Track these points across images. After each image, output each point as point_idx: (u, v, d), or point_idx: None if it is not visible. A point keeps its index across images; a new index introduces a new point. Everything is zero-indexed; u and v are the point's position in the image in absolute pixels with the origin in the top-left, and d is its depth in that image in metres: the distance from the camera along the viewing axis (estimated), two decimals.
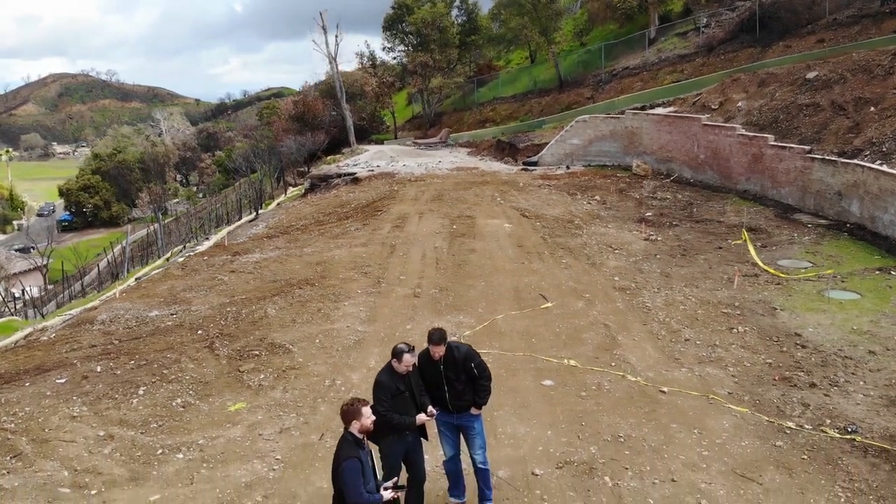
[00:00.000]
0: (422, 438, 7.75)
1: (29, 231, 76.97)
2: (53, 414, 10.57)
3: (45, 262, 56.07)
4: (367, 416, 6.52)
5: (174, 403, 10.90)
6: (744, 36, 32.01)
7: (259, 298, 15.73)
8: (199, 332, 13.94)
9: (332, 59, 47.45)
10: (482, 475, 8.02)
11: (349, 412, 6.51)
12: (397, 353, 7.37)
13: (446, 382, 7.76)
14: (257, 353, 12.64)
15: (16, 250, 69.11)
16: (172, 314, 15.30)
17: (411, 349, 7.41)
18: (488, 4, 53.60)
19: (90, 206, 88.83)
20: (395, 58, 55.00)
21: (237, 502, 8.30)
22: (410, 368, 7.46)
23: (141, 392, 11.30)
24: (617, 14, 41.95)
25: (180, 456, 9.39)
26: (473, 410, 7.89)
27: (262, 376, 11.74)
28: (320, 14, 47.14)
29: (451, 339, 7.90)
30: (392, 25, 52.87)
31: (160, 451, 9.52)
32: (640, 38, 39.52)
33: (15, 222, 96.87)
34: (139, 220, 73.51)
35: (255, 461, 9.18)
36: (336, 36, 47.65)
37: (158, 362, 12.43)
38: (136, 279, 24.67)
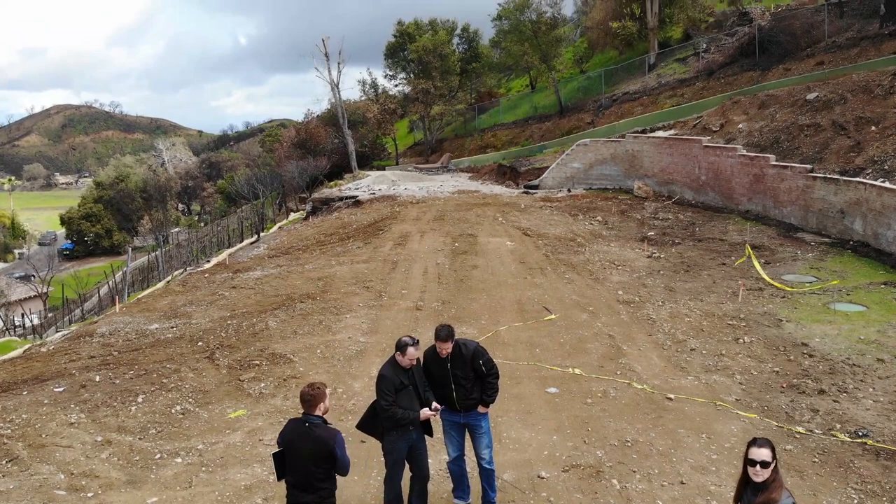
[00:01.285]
0: (426, 436, 7.59)
1: (30, 259, 76.85)
2: (51, 420, 10.41)
3: (45, 290, 55.93)
4: (328, 397, 6.47)
5: (173, 410, 10.74)
6: (743, 60, 32.26)
7: (260, 312, 15.62)
8: (200, 343, 13.81)
9: (335, 86, 47.74)
10: (487, 475, 7.85)
11: (317, 396, 6.34)
12: (401, 346, 7.25)
13: (453, 380, 7.60)
14: (258, 362, 12.50)
15: (17, 278, 68.98)
16: (172, 327, 15.18)
17: (415, 342, 7.29)
18: (489, 33, 54.18)
19: (91, 234, 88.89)
20: (396, 85, 55.45)
21: None
22: (414, 362, 7.33)
23: (140, 400, 11.15)
24: (617, 41, 42.30)
25: (179, 460, 9.22)
26: (481, 409, 7.72)
27: (262, 385, 11.60)
28: (322, 41, 47.49)
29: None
30: (394, 53, 53.34)
31: (158, 455, 9.36)
32: (640, 63, 39.85)
33: (16, 251, 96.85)
34: (140, 248, 73.49)
35: (255, 465, 9.00)
36: (339, 63, 48.00)
37: (158, 372, 12.29)
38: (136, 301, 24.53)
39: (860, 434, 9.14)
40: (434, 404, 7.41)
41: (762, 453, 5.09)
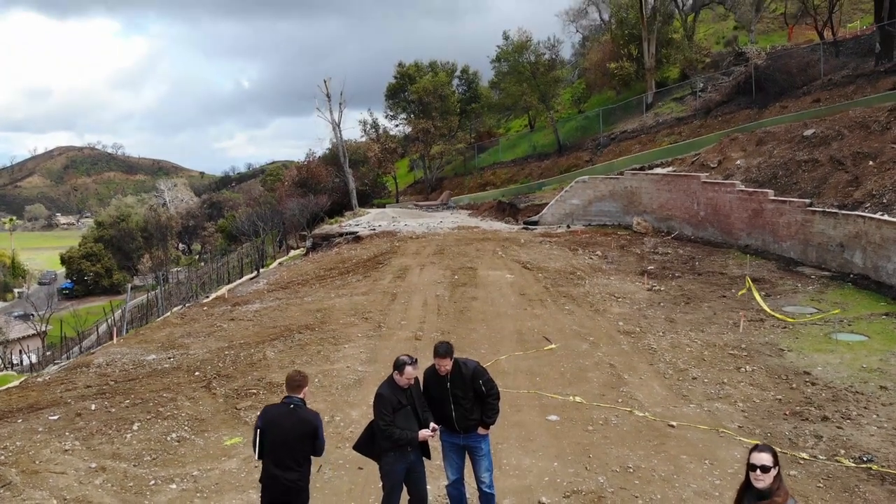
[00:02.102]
0: (424, 458, 7.46)
1: (29, 298, 76.55)
2: (45, 447, 10.26)
3: (44, 329, 55.64)
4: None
5: (169, 438, 10.60)
6: (740, 98, 32.64)
7: (258, 342, 15.52)
8: (197, 373, 13.70)
9: (336, 125, 48.24)
10: (487, 500, 7.70)
11: (304, 379, 7.11)
12: (399, 365, 7.16)
13: (453, 400, 7.48)
14: (255, 391, 12.38)
15: (15, 317, 68.67)
16: (170, 357, 15.07)
17: (413, 361, 7.21)
18: (488, 75, 54.98)
19: (91, 273, 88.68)
20: (397, 125, 56.01)
21: None
22: (412, 381, 7.24)
23: (135, 428, 11.01)
24: (614, 81, 42.88)
25: (173, 486, 9.07)
26: (481, 430, 7.59)
27: (258, 413, 11.45)
28: (324, 82, 48.18)
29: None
30: (395, 94, 54.00)
31: (153, 481, 9.21)
32: (637, 103, 40.32)
33: (16, 290, 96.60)
34: (140, 287, 73.25)
35: (250, 491, 8.84)
36: (340, 103, 48.54)
37: (154, 401, 12.17)
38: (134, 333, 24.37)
39: (865, 459, 9.01)
40: (432, 424, 7.29)
41: (762, 458, 5.05)
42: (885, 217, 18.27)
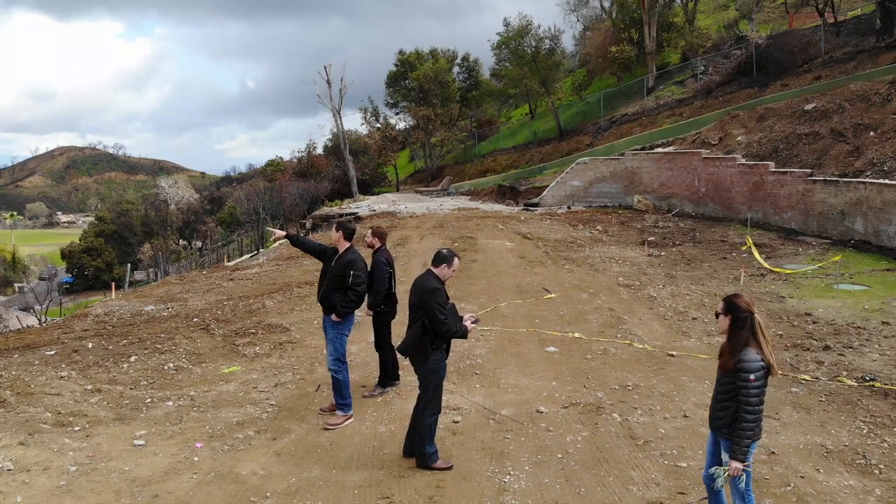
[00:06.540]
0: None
1: (32, 291, 76.36)
2: (40, 375, 10.18)
3: (44, 320, 55.52)
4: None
5: (166, 367, 10.54)
6: (741, 78, 32.56)
7: (257, 295, 15.48)
8: (195, 319, 13.64)
9: (336, 112, 48.06)
10: (332, 382, 8.14)
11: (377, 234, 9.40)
12: (447, 258, 6.84)
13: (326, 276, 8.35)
14: (254, 331, 12.33)
15: (16, 310, 68.53)
16: (168, 308, 15.00)
17: (455, 253, 7.08)
18: (489, 65, 54.91)
19: (92, 268, 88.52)
20: (397, 113, 55.87)
21: (229, 435, 7.89)
22: (453, 275, 7.07)
23: (132, 360, 10.94)
24: (615, 66, 42.79)
25: (170, 403, 8.99)
26: (334, 317, 8.17)
27: (257, 348, 11.42)
28: (325, 68, 47.97)
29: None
30: (395, 82, 53.92)
31: (149, 400, 9.14)
32: (638, 87, 40.24)
33: (16, 284, 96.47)
34: (140, 283, 73.11)
35: (248, 406, 8.79)
36: (340, 90, 48.32)
37: (152, 340, 12.10)
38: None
39: (867, 379, 8.94)
40: (470, 315, 7.17)
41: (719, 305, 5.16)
42: (886, 181, 18.22)
